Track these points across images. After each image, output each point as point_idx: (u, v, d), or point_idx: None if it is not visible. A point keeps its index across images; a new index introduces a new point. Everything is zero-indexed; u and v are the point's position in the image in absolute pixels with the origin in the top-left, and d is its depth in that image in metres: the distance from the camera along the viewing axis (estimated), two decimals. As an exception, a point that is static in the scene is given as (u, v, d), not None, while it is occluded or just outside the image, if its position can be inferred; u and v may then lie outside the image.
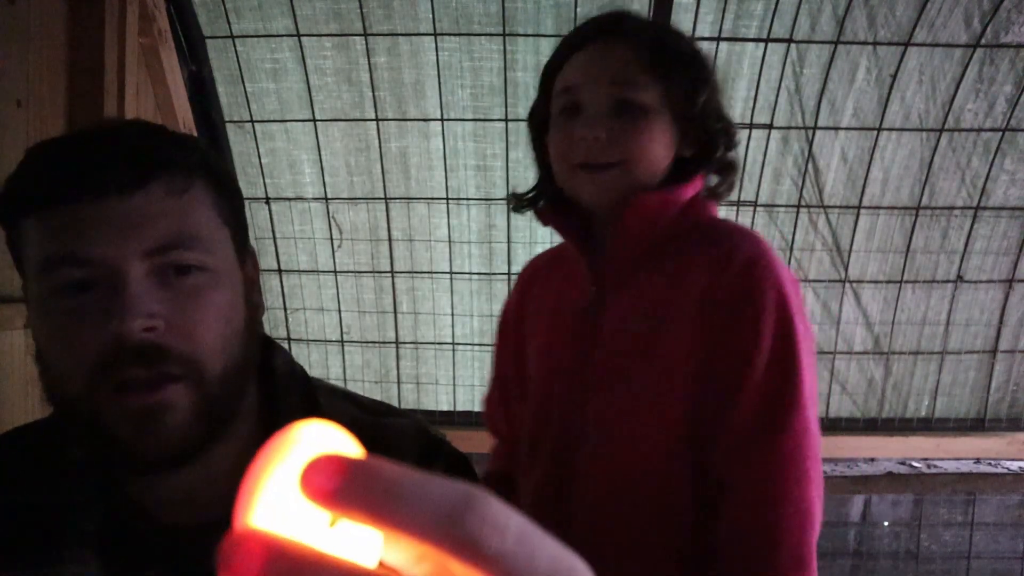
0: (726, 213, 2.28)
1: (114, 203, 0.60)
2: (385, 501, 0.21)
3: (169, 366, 0.60)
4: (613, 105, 0.94)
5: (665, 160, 0.98)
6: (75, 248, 0.60)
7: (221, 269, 0.65)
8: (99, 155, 0.62)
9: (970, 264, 2.37)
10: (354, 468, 0.21)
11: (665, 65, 0.95)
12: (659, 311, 0.94)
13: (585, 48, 0.98)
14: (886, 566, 2.50)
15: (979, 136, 2.24)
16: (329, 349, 2.40)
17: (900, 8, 2.07)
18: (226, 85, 2.13)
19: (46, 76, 1.53)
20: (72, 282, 0.60)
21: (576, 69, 0.97)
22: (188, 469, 0.64)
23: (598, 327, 0.99)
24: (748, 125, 2.18)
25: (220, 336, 0.63)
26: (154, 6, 1.81)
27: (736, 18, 2.07)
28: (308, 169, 2.23)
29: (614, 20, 1.00)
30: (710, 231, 0.98)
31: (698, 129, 0.99)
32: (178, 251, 0.62)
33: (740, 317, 0.89)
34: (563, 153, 0.98)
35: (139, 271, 0.60)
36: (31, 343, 0.67)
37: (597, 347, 0.98)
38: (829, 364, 2.42)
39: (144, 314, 0.59)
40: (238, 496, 0.23)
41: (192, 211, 0.64)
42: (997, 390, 2.48)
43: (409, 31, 2.06)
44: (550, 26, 2.07)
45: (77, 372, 0.60)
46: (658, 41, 0.97)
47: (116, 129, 0.67)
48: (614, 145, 0.94)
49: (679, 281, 0.94)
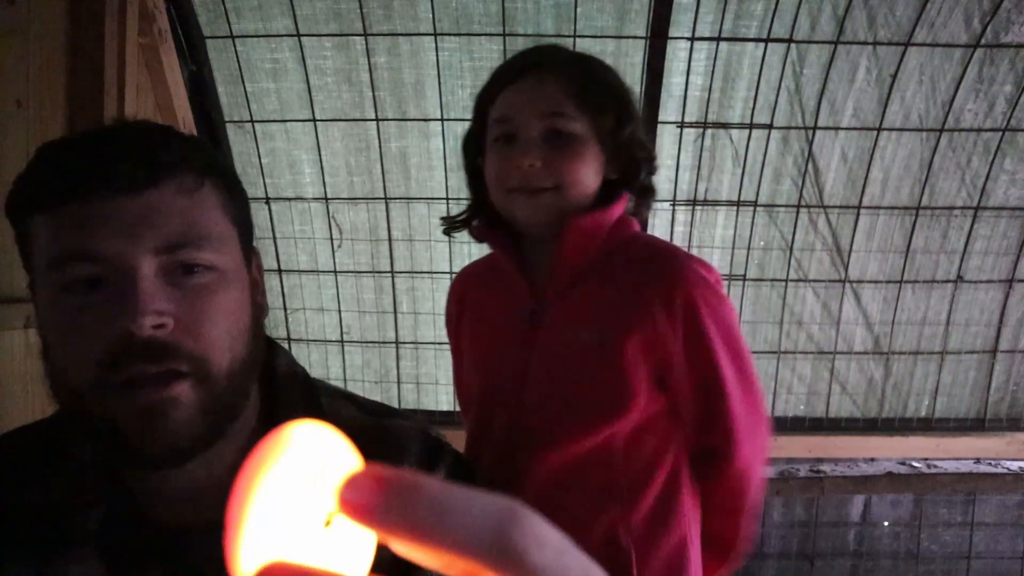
0: (726, 213, 2.29)
1: (125, 200, 0.61)
2: (429, 518, 0.20)
3: (177, 363, 0.61)
4: (546, 134, 1.02)
5: (595, 183, 1.06)
6: (86, 245, 0.60)
7: (229, 269, 0.66)
8: (110, 153, 0.63)
9: (970, 264, 2.37)
10: (395, 484, 0.21)
11: (594, 98, 1.03)
12: (601, 323, 1.02)
13: (518, 81, 1.04)
14: (886, 566, 2.50)
15: (979, 136, 2.24)
16: (329, 349, 2.40)
17: (900, 8, 2.07)
18: (226, 85, 2.13)
19: (46, 76, 1.53)
20: (82, 278, 0.61)
21: (511, 101, 1.04)
22: (190, 468, 0.65)
23: (536, 339, 1.06)
24: (748, 125, 2.18)
25: (227, 335, 0.64)
26: (154, 6, 1.81)
27: (736, 18, 2.07)
28: (308, 169, 2.23)
29: (546, 54, 1.08)
30: (638, 247, 1.07)
31: (623, 156, 1.07)
32: (187, 250, 0.63)
33: (661, 315, 1.00)
34: (500, 178, 1.04)
35: (149, 268, 0.61)
36: (32, 343, 0.67)
37: (536, 357, 1.05)
38: (829, 364, 2.42)
39: (154, 311, 0.59)
40: (232, 496, 0.23)
41: (202, 211, 0.65)
42: (997, 390, 2.49)
43: (409, 31, 2.06)
44: (550, 26, 2.07)
45: (85, 368, 0.60)
46: (587, 75, 1.05)
47: (127, 128, 0.68)
48: (548, 172, 1.01)
49: (617, 294, 1.03)
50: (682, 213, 2.29)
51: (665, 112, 2.16)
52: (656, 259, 1.04)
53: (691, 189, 2.27)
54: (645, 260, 1.04)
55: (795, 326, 2.40)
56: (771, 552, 2.48)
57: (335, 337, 2.38)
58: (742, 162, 2.23)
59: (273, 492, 0.22)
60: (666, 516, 1.02)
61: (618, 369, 1.00)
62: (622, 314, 1.01)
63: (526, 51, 1.09)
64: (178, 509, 0.67)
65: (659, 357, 1.00)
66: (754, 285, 2.36)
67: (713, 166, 2.25)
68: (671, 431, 1.04)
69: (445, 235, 1.22)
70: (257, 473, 0.23)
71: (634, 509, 1.01)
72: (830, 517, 2.48)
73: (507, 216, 1.07)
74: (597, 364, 1.01)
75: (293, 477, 0.22)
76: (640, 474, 1.02)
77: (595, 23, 2.07)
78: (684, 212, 2.29)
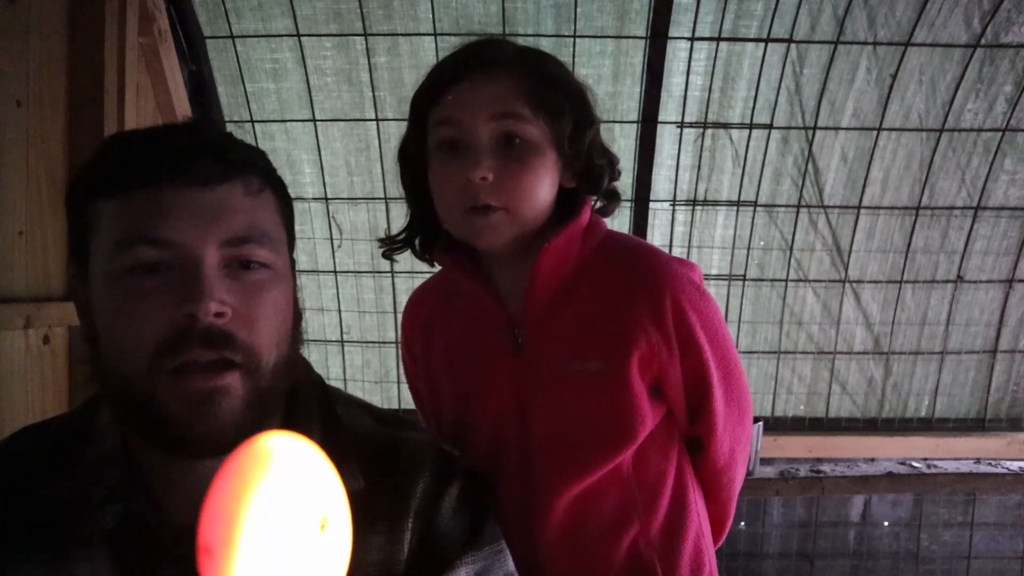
0: (726, 213, 2.29)
1: (198, 192, 0.64)
2: None
3: (232, 353, 0.63)
4: (497, 139, 0.90)
5: (551, 196, 0.95)
6: (155, 230, 0.62)
7: (281, 269, 0.69)
8: (187, 145, 0.66)
9: (970, 264, 2.37)
10: None
11: (550, 98, 0.91)
12: (598, 351, 0.94)
13: (464, 79, 0.91)
14: (886, 566, 2.50)
15: (979, 136, 2.24)
16: (329, 349, 2.40)
17: (900, 8, 2.08)
18: (226, 85, 2.13)
19: (46, 76, 1.53)
20: (146, 262, 0.62)
21: (454, 101, 0.91)
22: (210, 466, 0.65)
23: (526, 371, 0.97)
24: (748, 125, 2.18)
25: (276, 331, 0.67)
26: (154, 6, 1.81)
27: (736, 18, 2.08)
28: (308, 169, 2.23)
29: (493, 48, 0.94)
30: (613, 251, 0.98)
31: (582, 164, 0.96)
32: (250, 245, 0.65)
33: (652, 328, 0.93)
34: (450, 196, 0.92)
35: (214, 259, 0.63)
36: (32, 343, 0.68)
37: (534, 393, 0.97)
38: (829, 364, 2.42)
39: (218, 299, 0.61)
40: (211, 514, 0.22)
41: (264, 212, 0.69)
42: (997, 390, 2.49)
43: (409, 31, 2.06)
44: (550, 26, 2.07)
45: (140, 350, 0.62)
46: (542, 72, 0.93)
47: (200, 126, 0.72)
48: (500, 188, 0.89)
49: (605, 315, 0.95)
50: (682, 213, 2.29)
51: (665, 112, 2.16)
52: (637, 267, 0.95)
53: (691, 189, 2.27)
54: (625, 268, 0.95)
55: (795, 326, 2.40)
56: (771, 552, 2.48)
57: (335, 337, 2.38)
58: (742, 162, 2.23)
59: (262, 511, 0.22)
60: (681, 517, 1.00)
61: (627, 397, 0.94)
62: (617, 337, 0.93)
63: (470, 44, 0.95)
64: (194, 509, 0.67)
65: (655, 370, 0.95)
66: (754, 285, 2.36)
67: (713, 166, 2.25)
68: (671, 432, 1.02)
69: (385, 257, 1.07)
70: (241, 491, 0.22)
71: (652, 521, 0.98)
72: (830, 517, 2.48)
73: (458, 236, 0.96)
74: (605, 394, 0.94)
75: (279, 494, 0.22)
76: (652, 485, 0.99)
77: (595, 23, 2.07)
78: (684, 212, 2.29)
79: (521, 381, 0.97)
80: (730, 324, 2.36)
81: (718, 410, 0.99)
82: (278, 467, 0.23)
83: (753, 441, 2.09)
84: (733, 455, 1.04)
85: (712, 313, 0.97)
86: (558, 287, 0.96)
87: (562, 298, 0.96)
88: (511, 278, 0.98)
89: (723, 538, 1.11)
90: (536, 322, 0.97)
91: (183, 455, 0.65)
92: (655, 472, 0.99)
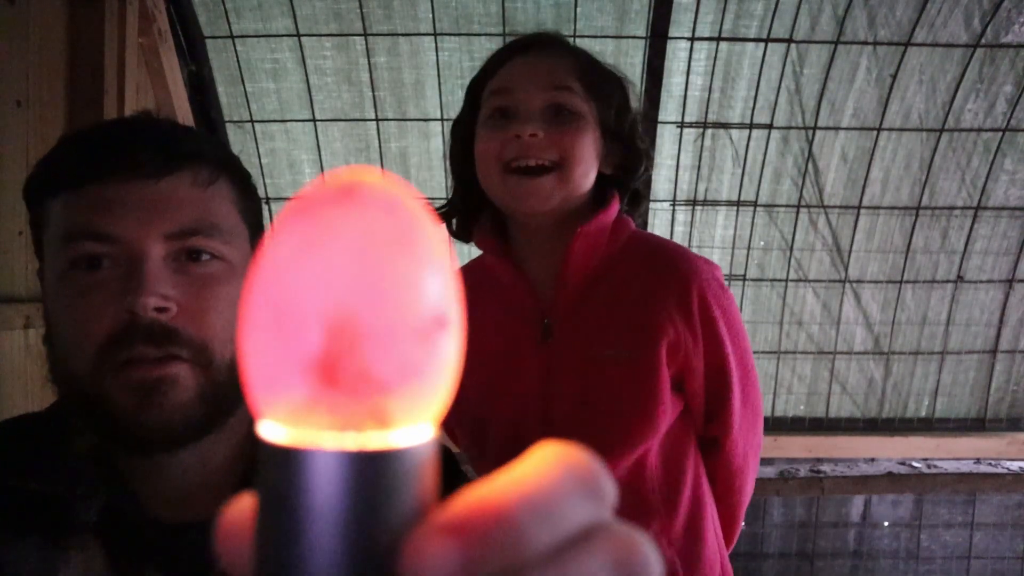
0: (726, 213, 2.29)
1: (142, 185, 0.63)
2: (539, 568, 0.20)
3: (177, 349, 0.61)
4: (549, 108, 0.95)
5: (592, 172, 0.99)
6: (98, 224, 0.61)
7: (237, 262, 0.67)
8: (131, 139, 0.65)
9: (970, 264, 2.37)
10: (478, 536, 0.19)
11: (599, 80, 0.99)
12: (626, 339, 0.97)
13: (522, 54, 0.99)
14: (886, 566, 2.50)
15: (979, 136, 2.24)
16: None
17: (900, 8, 2.08)
18: (226, 85, 2.13)
19: (46, 76, 1.53)
20: (90, 256, 0.62)
21: (512, 72, 0.98)
22: (184, 462, 0.65)
23: (553, 356, 0.99)
24: (748, 125, 2.18)
25: (230, 326, 0.64)
26: (154, 6, 1.81)
27: (736, 18, 2.08)
28: (308, 169, 2.23)
29: (551, 34, 1.04)
30: (640, 247, 1.02)
31: (623, 147, 1.01)
32: (197, 237, 0.64)
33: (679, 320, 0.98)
34: (494, 153, 0.95)
35: (158, 253, 0.62)
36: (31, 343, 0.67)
37: (559, 377, 0.99)
38: (829, 364, 2.42)
39: (159, 294, 0.60)
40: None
41: (215, 203, 0.66)
42: (997, 390, 2.49)
43: (409, 31, 2.06)
44: (550, 26, 2.07)
45: (86, 346, 0.61)
46: (593, 59, 1.02)
47: (149, 119, 0.70)
48: (551, 145, 0.93)
49: (632, 304, 0.98)
50: (682, 213, 2.29)
51: (665, 112, 2.16)
52: (664, 262, 0.99)
53: (691, 189, 2.27)
54: (653, 264, 0.99)
55: (795, 326, 2.40)
56: (771, 552, 2.48)
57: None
58: (742, 162, 2.23)
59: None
60: (700, 519, 1.02)
61: (653, 384, 0.96)
62: (645, 326, 0.96)
63: (530, 33, 1.04)
64: (174, 506, 0.67)
65: (680, 360, 0.98)
66: (754, 285, 2.36)
67: (713, 166, 2.25)
68: (689, 433, 1.03)
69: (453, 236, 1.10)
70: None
71: (673, 520, 0.99)
72: (830, 517, 2.48)
73: (500, 204, 0.98)
74: (630, 382, 0.97)
75: None
76: (672, 484, 1.00)
77: (595, 23, 2.07)
78: (684, 212, 2.29)
79: (548, 367, 0.99)
80: (730, 324, 2.36)
81: (735, 407, 1.01)
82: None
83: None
84: (747, 459, 1.06)
85: (734, 311, 1.02)
86: (590, 274, 1.00)
87: (592, 287, 1.00)
88: (543, 263, 1.01)
89: (731, 546, 1.12)
90: (567, 308, 1.00)
91: (136, 450, 0.64)
92: (675, 471, 1.01)
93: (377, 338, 0.20)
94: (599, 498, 0.21)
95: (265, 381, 0.21)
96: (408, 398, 0.20)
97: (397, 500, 0.20)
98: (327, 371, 0.20)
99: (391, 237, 0.21)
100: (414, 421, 0.21)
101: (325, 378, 0.20)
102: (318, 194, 0.21)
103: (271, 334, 0.20)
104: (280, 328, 0.20)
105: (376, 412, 0.20)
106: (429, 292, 0.21)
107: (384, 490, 0.20)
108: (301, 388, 0.20)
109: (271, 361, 0.20)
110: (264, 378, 0.21)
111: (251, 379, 0.21)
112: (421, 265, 0.21)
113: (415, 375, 0.20)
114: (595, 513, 0.20)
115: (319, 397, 0.20)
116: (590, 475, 0.21)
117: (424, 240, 0.21)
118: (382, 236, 0.20)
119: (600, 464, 0.21)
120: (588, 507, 0.20)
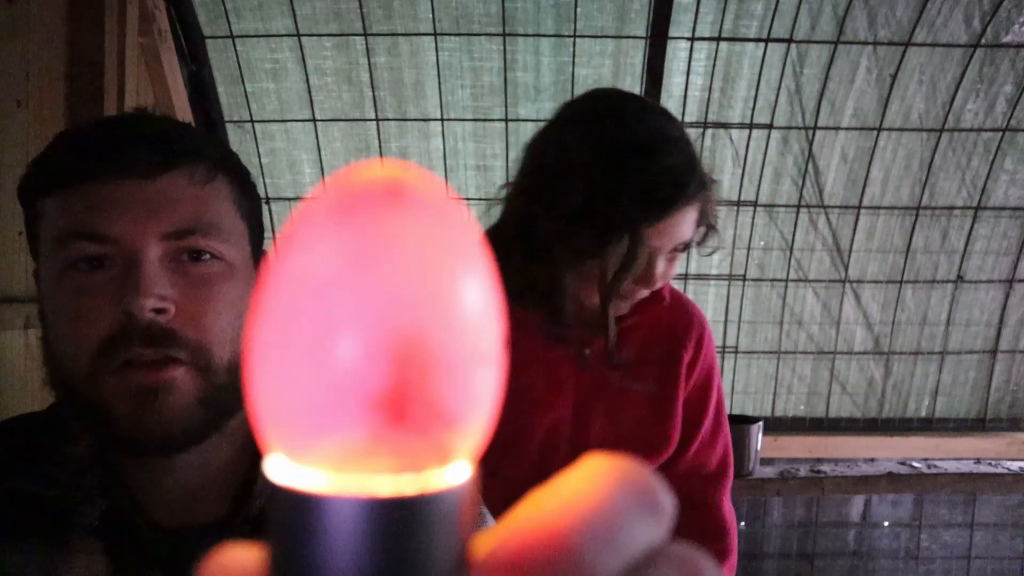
0: (726, 213, 2.29)
1: (138, 184, 0.61)
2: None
3: (175, 351, 0.60)
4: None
5: None
6: (94, 224, 0.60)
7: (236, 262, 0.65)
8: (127, 137, 0.63)
9: (970, 264, 2.37)
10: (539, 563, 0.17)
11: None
12: (651, 373, 1.13)
13: (682, 210, 1.04)
14: (886, 566, 2.50)
15: (979, 136, 2.24)
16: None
17: (900, 8, 2.08)
18: (226, 85, 2.13)
19: (46, 76, 1.53)
20: (86, 257, 0.61)
21: (663, 233, 1.01)
22: (185, 465, 0.64)
23: (589, 378, 1.12)
24: (748, 125, 2.18)
25: (230, 327, 0.63)
26: (154, 6, 1.81)
27: (736, 18, 2.07)
28: (308, 169, 2.23)
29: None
30: (666, 295, 1.15)
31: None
32: (195, 236, 0.62)
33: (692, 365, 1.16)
34: (625, 292, 1.04)
35: (155, 253, 0.61)
36: (31, 343, 0.67)
37: (595, 399, 1.12)
38: (829, 364, 2.42)
39: (156, 295, 0.59)
40: None
41: (213, 202, 0.65)
42: (997, 390, 2.49)
43: (409, 31, 2.06)
44: (550, 26, 2.07)
45: (83, 349, 0.60)
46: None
47: (145, 117, 0.69)
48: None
49: (656, 343, 1.14)
50: (682, 213, 2.29)
51: (665, 112, 2.16)
52: (685, 309, 1.17)
53: (691, 189, 2.27)
54: (676, 309, 1.15)
55: (795, 326, 2.40)
56: (771, 552, 2.48)
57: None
58: (742, 162, 2.23)
59: None
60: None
61: (670, 413, 1.12)
62: (669, 364, 1.13)
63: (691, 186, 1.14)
64: (175, 509, 0.66)
65: (687, 403, 1.15)
66: (754, 285, 2.36)
67: (713, 166, 2.24)
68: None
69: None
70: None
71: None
72: (830, 517, 2.48)
73: (579, 306, 1.07)
74: (652, 412, 1.12)
75: None
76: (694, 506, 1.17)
77: (595, 23, 2.07)
78: (684, 212, 2.29)
79: (583, 392, 1.11)
80: (730, 324, 2.36)
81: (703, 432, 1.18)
82: None
83: (753, 441, 2.10)
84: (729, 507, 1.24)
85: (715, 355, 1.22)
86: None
87: (627, 328, 1.12)
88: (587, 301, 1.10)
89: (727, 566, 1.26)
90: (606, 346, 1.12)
91: (134, 454, 0.64)
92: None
93: (447, 365, 0.17)
94: (659, 516, 0.19)
95: (305, 420, 0.17)
96: (471, 431, 0.18)
97: (451, 542, 0.18)
98: (394, 406, 0.17)
99: (450, 246, 0.18)
100: (463, 455, 0.18)
101: (392, 414, 0.17)
102: (359, 194, 0.18)
103: (317, 363, 0.17)
104: (333, 356, 0.17)
105: (439, 450, 0.18)
106: (489, 309, 0.18)
107: (438, 534, 0.17)
108: (358, 426, 0.17)
109: (317, 396, 0.17)
110: (304, 417, 0.17)
111: (279, 417, 0.18)
112: (479, 277, 0.18)
113: (479, 405, 0.18)
114: (657, 533, 0.19)
115: (380, 436, 0.17)
116: (649, 491, 0.19)
117: (477, 248, 0.19)
118: (440, 245, 0.18)
119: (657, 477, 0.19)
120: (650, 527, 0.19)
